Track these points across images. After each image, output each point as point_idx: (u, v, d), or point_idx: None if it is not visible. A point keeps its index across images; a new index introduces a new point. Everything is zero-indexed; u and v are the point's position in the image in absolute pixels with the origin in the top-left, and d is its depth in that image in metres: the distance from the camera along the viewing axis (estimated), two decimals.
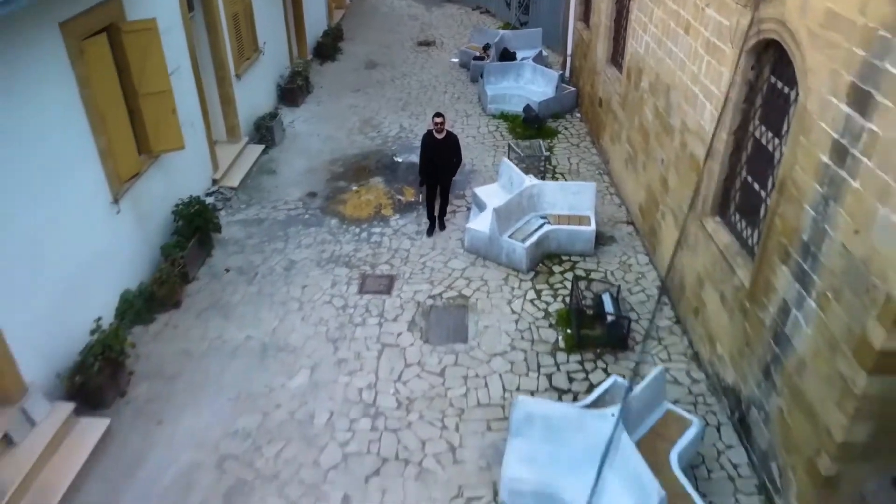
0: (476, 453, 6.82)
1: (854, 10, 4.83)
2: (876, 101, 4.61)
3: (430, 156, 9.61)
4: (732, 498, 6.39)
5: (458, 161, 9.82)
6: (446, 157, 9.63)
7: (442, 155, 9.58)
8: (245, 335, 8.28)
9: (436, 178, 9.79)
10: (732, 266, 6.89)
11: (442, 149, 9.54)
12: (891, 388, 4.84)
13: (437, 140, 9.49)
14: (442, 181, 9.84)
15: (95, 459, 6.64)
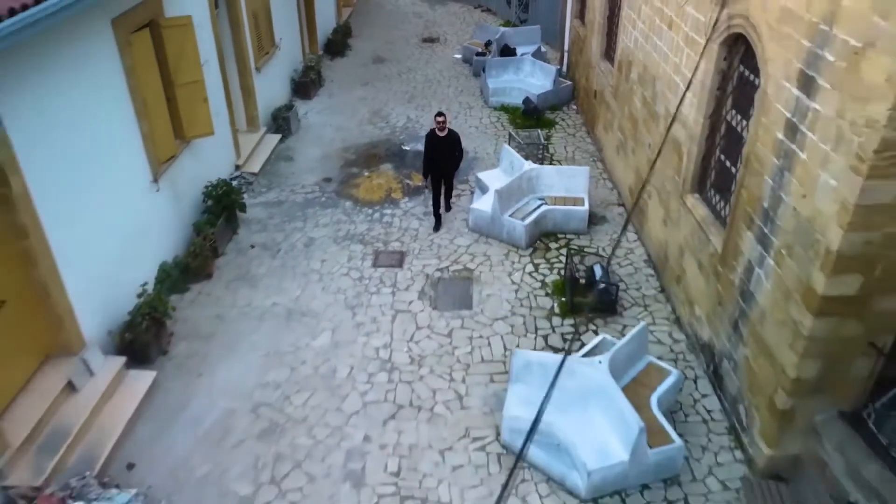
0: (480, 401, 7.68)
1: (802, 7, 5.66)
2: (818, 84, 5.45)
3: (433, 152, 10.26)
4: (706, 438, 7.25)
5: (459, 155, 10.49)
6: (448, 153, 10.29)
7: (444, 151, 10.24)
8: (271, 302, 9.13)
9: (440, 172, 10.46)
10: (708, 235, 7.74)
11: (444, 145, 10.20)
12: (832, 328, 5.69)
13: (439, 137, 10.15)
14: (445, 174, 10.49)
15: (144, 406, 7.50)
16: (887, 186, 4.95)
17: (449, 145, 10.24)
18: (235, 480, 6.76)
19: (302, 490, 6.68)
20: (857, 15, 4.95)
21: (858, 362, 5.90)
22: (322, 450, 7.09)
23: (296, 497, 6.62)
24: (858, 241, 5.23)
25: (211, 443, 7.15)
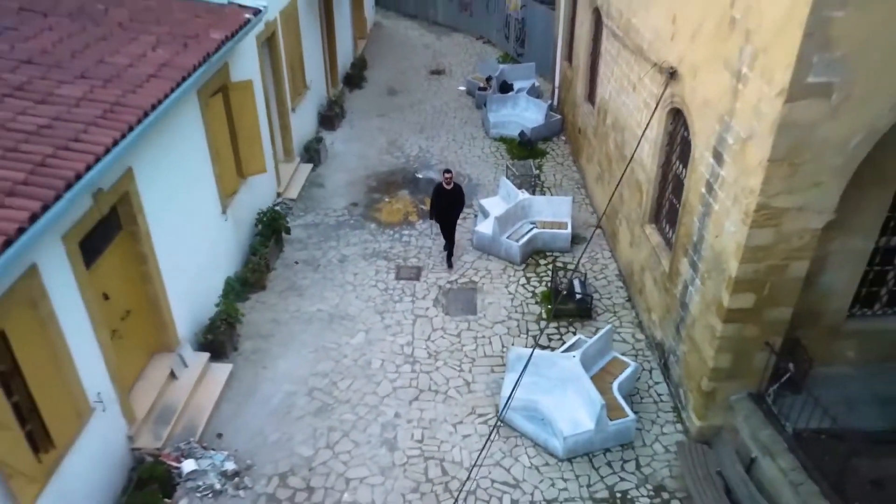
0: (484, 386, 9.83)
1: (715, 101, 7.80)
2: (723, 158, 7.59)
3: (441, 203, 11.97)
4: (655, 414, 9.40)
5: (462, 205, 12.14)
6: (454, 204, 12.00)
7: (450, 202, 11.95)
8: (316, 308, 11.28)
9: (446, 219, 12.15)
10: (660, 258, 9.88)
11: (450, 197, 11.93)
12: (737, 331, 7.84)
13: (446, 190, 11.89)
14: (451, 221, 12.18)
15: (225, 390, 9.64)
16: (764, 233, 7.08)
17: (455, 197, 11.90)
18: (299, 445, 8.91)
19: (350, 452, 8.83)
20: (743, 115, 7.09)
21: (758, 356, 8.04)
22: (363, 423, 9.24)
23: (345, 458, 8.76)
24: (749, 270, 7.38)
25: (278, 417, 9.30)
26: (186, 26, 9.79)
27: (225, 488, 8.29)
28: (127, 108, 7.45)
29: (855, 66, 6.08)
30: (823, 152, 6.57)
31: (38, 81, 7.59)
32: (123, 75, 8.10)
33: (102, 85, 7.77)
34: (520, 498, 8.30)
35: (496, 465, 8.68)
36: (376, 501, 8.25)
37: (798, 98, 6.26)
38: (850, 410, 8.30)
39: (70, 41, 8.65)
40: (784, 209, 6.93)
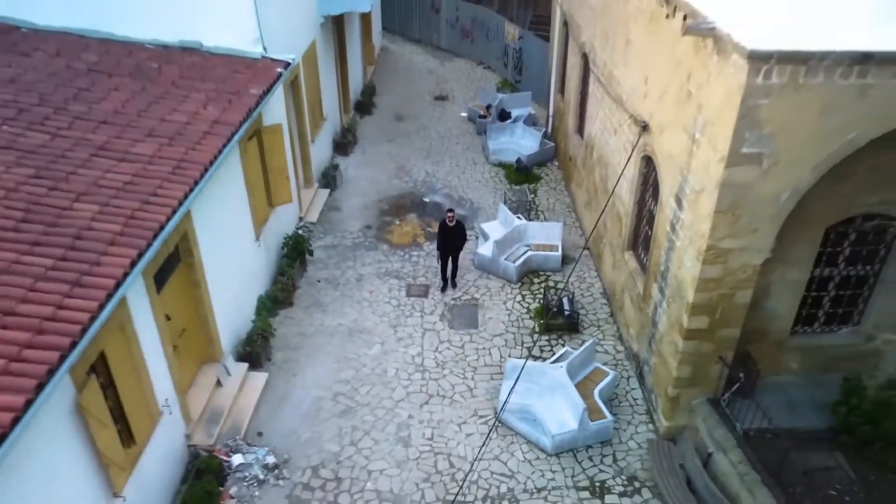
0: (484, 392, 11.33)
1: (676, 155, 9.32)
2: (683, 204, 9.11)
3: (444, 239, 13.28)
4: (631, 416, 10.91)
5: (463, 241, 13.46)
6: (456, 239, 13.33)
7: (453, 238, 13.29)
8: (337, 322, 12.78)
9: (449, 252, 13.46)
10: (636, 281, 11.40)
11: (453, 234, 13.26)
12: (695, 347, 9.34)
13: (449, 227, 13.22)
14: (453, 255, 13.52)
15: (262, 396, 11.13)
16: (714, 269, 8.59)
17: (457, 233, 13.28)
18: (327, 442, 10.42)
19: (371, 448, 10.33)
20: (697, 172, 8.60)
21: (713, 368, 9.55)
22: (381, 423, 10.75)
23: (367, 453, 10.27)
24: (703, 297, 8.89)
25: (309, 418, 10.81)
26: (229, 83, 11.31)
27: (267, 478, 9.80)
28: (191, 163, 8.98)
29: (779, 140, 7.60)
30: (758, 205, 8.08)
31: (116, 141, 9.12)
32: (184, 132, 9.62)
33: (168, 143, 9.29)
34: (514, 486, 9.81)
35: (495, 459, 10.20)
36: (394, 490, 9.76)
37: (736, 164, 7.77)
38: (792, 413, 9.82)
39: (135, 101, 10.18)
40: (729, 249, 8.45)
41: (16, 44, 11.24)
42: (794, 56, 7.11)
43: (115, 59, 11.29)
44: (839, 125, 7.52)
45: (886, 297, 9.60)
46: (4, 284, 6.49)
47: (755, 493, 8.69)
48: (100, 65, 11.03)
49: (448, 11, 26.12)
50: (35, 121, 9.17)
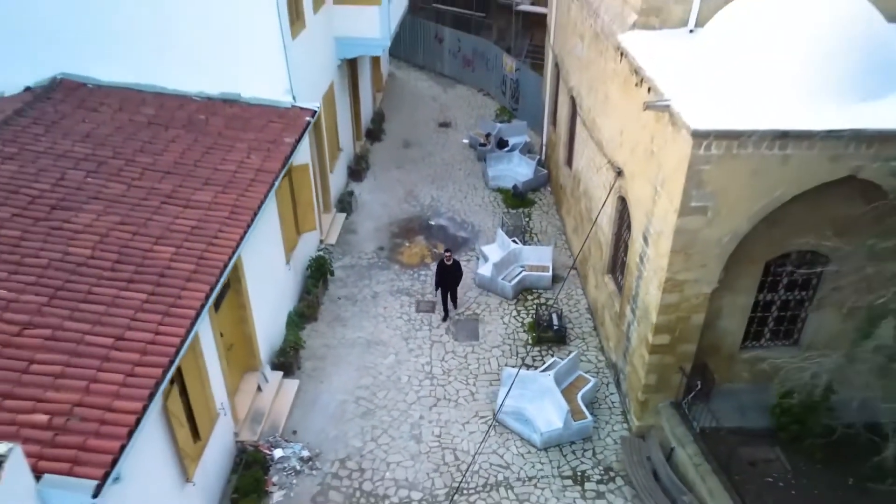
0: (484, 396, 13.13)
1: (642, 201, 11.13)
2: (648, 241, 10.92)
3: (442, 276, 14.86)
4: (609, 417, 12.71)
5: (459, 277, 15.05)
6: (453, 277, 14.94)
7: (450, 275, 14.89)
8: (356, 335, 14.58)
9: (447, 288, 15.04)
10: (614, 301, 13.21)
11: (450, 272, 14.88)
12: (659, 359, 11.14)
13: (447, 266, 14.82)
14: (451, 290, 15.13)
15: (295, 399, 12.93)
16: (672, 296, 10.39)
17: (453, 271, 14.88)
18: (352, 438, 12.22)
19: (388, 444, 12.13)
20: (657, 218, 10.41)
21: (675, 377, 11.36)
22: (397, 423, 12.55)
23: (385, 448, 12.07)
24: (665, 319, 10.69)
25: (335, 419, 12.61)
26: (266, 132, 13.12)
27: (302, 469, 11.61)
28: (242, 209, 10.81)
29: (720, 197, 9.41)
30: (706, 246, 9.89)
31: (180, 189, 10.94)
32: (234, 181, 11.45)
33: (222, 190, 11.11)
34: (509, 476, 11.62)
35: (493, 453, 12.01)
36: (408, 478, 11.56)
37: (686, 214, 9.59)
38: (742, 415, 11.62)
39: (191, 152, 12.00)
40: (684, 281, 10.26)
41: (84, 99, 13.08)
42: (728, 133, 8.93)
43: (169, 112, 13.11)
44: (766, 185, 9.34)
45: (819, 318, 11.40)
46: (113, 315, 8.32)
47: (706, 480, 10.50)
48: (157, 118, 12.86)
49: (451, 42, 27.94)
50: (112, 172, 11.00)
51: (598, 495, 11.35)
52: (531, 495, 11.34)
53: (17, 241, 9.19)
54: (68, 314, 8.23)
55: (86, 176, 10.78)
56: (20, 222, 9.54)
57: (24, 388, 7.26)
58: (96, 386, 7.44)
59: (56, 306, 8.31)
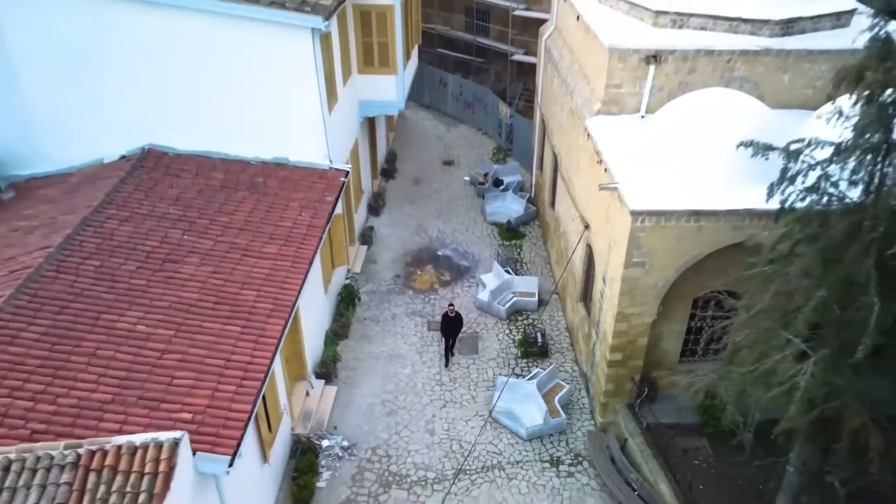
0: (482, 399, 16.42)
1: (603, 252, 14.41)
2: (605, 284, 14.21)
3: (446, 326, 17.53)
4: (579, 414, 15.99)
5: (460, 327, 17.75)
6: (455, 327, 17.65)
7: (453, 326, 17.60)
8: (380, 349, 17.85)
9: (449, 336, 17.76)
10: (584, 324, 16.50)
11: (452, 323, 17.59)
12: (615, 372, 14.43)
13: (450, 318, 17.54)
14: (453, 338, 17.88)
15: (335, 402, 16.20)
16: (622, 325, 13.68)
17: (456, 322, 17.58)
18: (380, 432, 15.49)
19: (409, 437, 15.40)
20: (611, 268, 13.69)
21: (628, 385, 14.63)
22: (415, 420, 15.82)
23: (406, 440, 15.33)
24: (618, 342, 13.97)
25: (367, 417, 15.88)
26: (311, 192, 16.40)
27: (343, 455, 14.87)
28: (301, 259, 14.09)
29: (653, 255, 12.70)
30: (645, 290, 13.17)
31: (252, 244, 14.23)
32: (292, 235, 14.73)
33: (284, 244, 14.40)
34: (501, 460, 14.90)
35: (489, 443, 15.28)
36: (424, 462, 14.82)
37: (630, 267, 12.87)
38: (679, 414, 14.86)
39: (256, 211, 15.27)
40: (630, 314, 13.54)
41: (168, 166, 16.36)
42: (657, 212, 12.24)
43: (234, 176, 16.39)
44: (687, 247, 12.63)
45: None
46: (221, 343, 11.60)
47: (649, 462, 13.77)
48: (226, 181, 16.14)
49: (453, 86, 31.22)
50: (201, 230, 14.28)
51: (569, 475, 14.64)
52: (518, 474, 14.62)
53: (145, 288, 12.47)
54: (190, 343, 11.52)
55: (182, 234, 14.07)
56: (143, 273, 12.83)
57: (172, 395, 10.55)
58: (218, 394, 10.72)
59: (181, 337, 11.60)
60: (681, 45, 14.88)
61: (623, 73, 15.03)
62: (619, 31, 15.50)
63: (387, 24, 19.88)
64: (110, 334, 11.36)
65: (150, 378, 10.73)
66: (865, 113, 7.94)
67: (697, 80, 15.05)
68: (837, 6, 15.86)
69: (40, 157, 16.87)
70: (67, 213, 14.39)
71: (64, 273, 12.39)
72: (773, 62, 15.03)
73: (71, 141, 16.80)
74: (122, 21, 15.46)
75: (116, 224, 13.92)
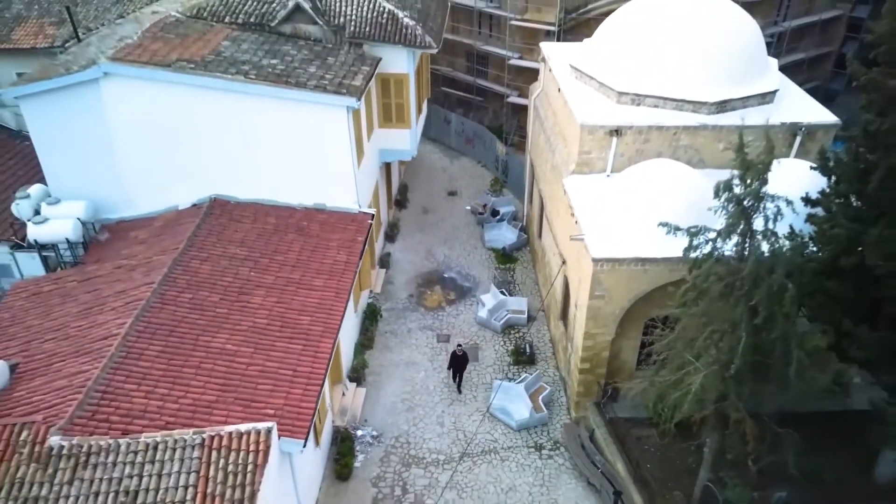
0: (482, 398, 20.20)
1: (575, 285, 18.21)
2: (577, 308, 17.99)
3: (455, 363, 20.90)
4: (558, 411, 19.79)
5: (467, 363, 21.02)
6: (463, 364, 21.00)
7: (461, 362, 21.00)
8: (399, 358, 21.63)
9: (457, 371, 21.17)
10: (563, 338, 20.28)
11: (460, 360, 20.97)
12: (585, 377, 18.23)
13: (458, 356, 20.89)
14: (461, 373, 21.25)
15: (365, 401, 19.99)
16: (588, 342, 17.44)
17: (463, 359, 20.92)
18: (401, 424, 19.28)
19: (423, 427, 19.18)
20: (580, 296, 17.47)
21: (595, 387, 18.43)
22: (428, 415, 19.60)
23: (422, 430, 19.11)
24: (587, 353, 17.76)
25: (391, 412, 19.66)
26: (345, 233, 20.16)
27: (373, 442, 18.66)
28: (342, 290, 17.87)
29: (611, 290, 16.47)
30: (605, 316, 16.95)
31: (303, 278, 18.00)
32: (333, 270, 18.50)
33: (329, 278, 18.17)
34: (496, 446, 18.69)
35: (486, 433, 19.07)
36: (436, 448, 18.60)
37: (593, 299, 16.65)
38: (635, 409, 18.60)
39: (304, 251, 19.04)
40: (595, 333, 17.32)
41: (231, 213, 20.14)
42: (613, 259, 16.02)
43: (284, 220, 20.16)
44: (636, 284, 16.40)
45: None
46: (287, 359, 15.38)
47: (610, 448, 17.56)
48: (278, 225, 19.91)
49: (456, 124, 34.96)
50: (263, 268, 18.06)
51: (549, 457, 18.43)
52: (510, 457, 18.42)
53: (227, 315, 16.25)
54: (266, 358, 15.31)
55: (249, 271, 17.84)
56: (224, 304, 16.60)
57: (257, 397, 14.33)
58: (290, 396, 14.50)
59: (259, 353, 15.38)
60: (637, 121, 18.66)
61: (592, 142, 18.82)
62: (589, 108, 19.28)
63: (403, 88, 23.64)
64: (208, 352, 15.14)
65: (241, 384, 14.52)
66: (734, 212, 11.71)
67: (651, 148, 18.83)
68: (762, 88, 19.62)
69: (127, 203, 20.68)
70: (160, 254, 18.17)
71: (167, 304, 16.17)
72: (710, 134, 18.80)
73: (152, 191, 20.57)
74: (198, 102, 19.22)
75: (199, 263, 17.69)
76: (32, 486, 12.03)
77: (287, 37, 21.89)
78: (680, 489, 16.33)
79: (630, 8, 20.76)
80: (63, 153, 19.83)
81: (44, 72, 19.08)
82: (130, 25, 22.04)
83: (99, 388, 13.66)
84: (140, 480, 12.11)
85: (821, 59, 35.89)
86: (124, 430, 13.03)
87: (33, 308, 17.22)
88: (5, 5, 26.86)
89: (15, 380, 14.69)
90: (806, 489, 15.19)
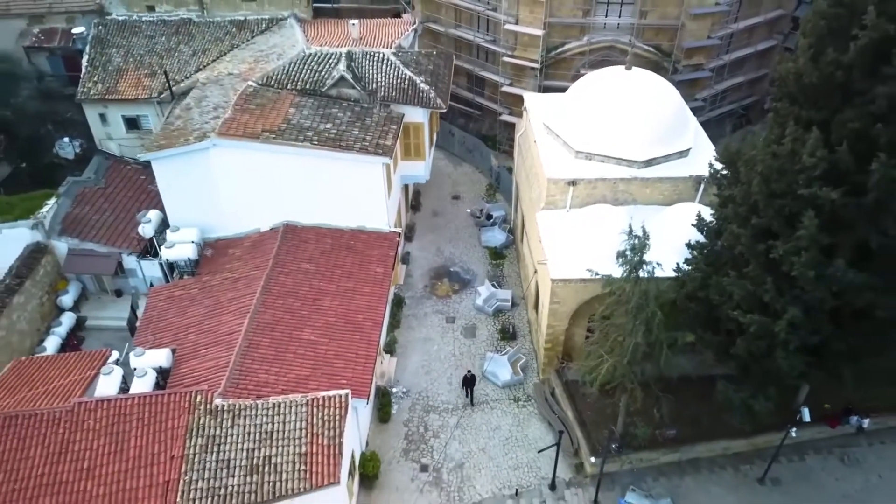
0: (478, 364, 27.67)
1: (542, 291, 25.36)
2: (544, 305, 25.24)
3: (466, 383, 27.33)
4: (531, 375, 27.30)
5: (475, 382, 27.48)
6: (471, 382, 27.32)
7: (470, 382, 27.34)
8: (419, 335, 28.97)
9: (468, 386, 27.62)
10: (535, 323, 27.60)
11: (470, 381, 27.35)
12: (548, 352, 25.64)
13: (468, 378, 27.05)
14: (471, 388, 27.69)
15: (396, 367, 27.43)
16: (550, 329, 24.75)
17: (472, 379, 27.33)
18: (422, 383, 26.84)
19: (438, 386, 26.75)
20: (544, 299, 24.66)
21: (555, 359, 25.84)
22: (441, 376, 27.13)
23: (437, 387, 26.69)
24: (549, 336, 25.08)
25: (415, 375, 27.18)
26: (380, 250, 27.18)
27: (403, 397, 26.24)
28: (382, 294, 25.08)
29: (563, 299, 23.66)
30: (560, 314, 24.16)
31: (356, 286, 25.18)
32: (374, 280, 25.64)
33: (373, 285, 25.34)
34: (488, 398, 26.29)
35: (481, 390, 26.60)
36: (447, 399, 26.20)
37: (552, 303, 23.84)
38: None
39: (353, 265, 26.14)
40: (554, 325, 24.56)
41: (299, 235, 27.15)
42: (565, 279, 23.15)
43: (337, 240, 27.19)
44: (582, 294, 23.54)
45: None
46: (351, 346, 22.73)
47: (564, 401, 25.10)
48: (333, 244, 26.96)
49: (459, 136, 41.43)
50: (326, 278, 25.22)
51: (524, 407, 26.04)
52: (497, 406, 26.04)
53: (308, 316, 23.50)
54: (338, 346, 22.65)
55: (319, 281, 25.00)
56: (305, 307, 23.83)
57: (336, 372, 21.74)
58: (355, 371, 21.91)
59: (333, 343, 22.71)
60: (587, 175, 25.46)
61: (556, 189, 25.66)
62: (555, 162, 26.02)
63: (419, 133, 30.29)
64: (300, 342, 22.49)
65: (324, 364, 21.92)
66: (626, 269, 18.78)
67: (598, 193, 25.68)
68: (680, 147, 26.29)
69: (223, 226, 27.73)
70: (254, 270, 25.31)
71: (267, 308, 23.43)
72: (640, 183, 25.62)
73: (240, 217, 27.57)
74: (277, 158, 25.99)
75: (284, 277, 24.86)
76: (208, 428, 19.52)
77: (334, 98, 28.40)
78: (608, 429, 23.91)
79: (586, 81, 27.30)
80: (180, 194, 26.75)
81: (168, 141, 25.76)
82: (216, 91, 28.55)
83: (237, 368, 21.06)
84: (272, 425, 19.60)
85: (759, 78, 42.00)
86: (257, 394, 20.46)
87: (171, 308, 24.52)
88: (107, 59, 33.07)
89: (176, 362, 22.07)
90: (687, 428, 22.82)
